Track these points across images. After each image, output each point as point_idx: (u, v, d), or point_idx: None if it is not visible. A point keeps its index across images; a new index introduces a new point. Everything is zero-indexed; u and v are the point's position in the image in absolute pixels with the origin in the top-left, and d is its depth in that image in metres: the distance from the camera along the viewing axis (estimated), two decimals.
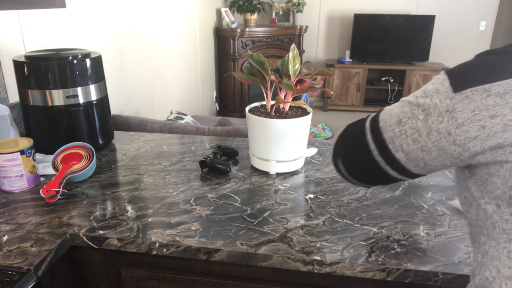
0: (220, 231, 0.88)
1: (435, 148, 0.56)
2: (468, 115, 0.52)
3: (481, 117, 0.51)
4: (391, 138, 0.60)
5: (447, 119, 0.54)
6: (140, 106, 2.59)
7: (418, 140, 0.57)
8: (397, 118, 0.60)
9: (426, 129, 0.56)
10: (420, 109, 0.57)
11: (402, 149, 0.59)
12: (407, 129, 0.58)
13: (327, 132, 4.08)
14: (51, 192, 0.99)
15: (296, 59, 1.12)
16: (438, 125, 0.55)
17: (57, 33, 1.71)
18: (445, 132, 0.54)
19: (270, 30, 4.31)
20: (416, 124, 0.57)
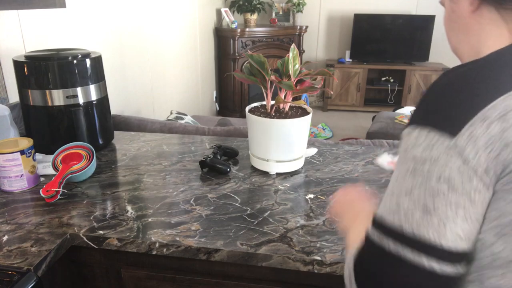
0: (220, 231, 0.88)
1: (481, 206, 0.46)
2: (483, 156, 0.45)
3: (497, 152, 0.44)
4: (437, 234, 0.46)
5: (471, 173, 0.45)
6: (140, 106, 2.59)
7: (465, 214, 0.46)
8: (419, 207, 0.47)
9: (464, 197, 0.46)
10: (434, 180, 0.46)
11: (460, 237, 0.46)
12: (445, 213, 0.46)
13: (327, 132, 4.08)
14: (51, 192, 0.99)
15: (296, 59, 1.12)
16: (468, 185, 0.45)
17: (57, 33, 1.71)
18: (481, 189, 0.46)
19: (270, 30, 4.31)
20: (448, 199, 0.46)
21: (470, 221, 0.46)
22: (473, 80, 0.47)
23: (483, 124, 0.44)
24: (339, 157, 1.30)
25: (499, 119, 0.44)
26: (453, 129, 0.46)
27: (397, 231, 0.48)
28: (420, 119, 0.49)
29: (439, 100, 0.48)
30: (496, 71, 0.47)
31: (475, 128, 0.45)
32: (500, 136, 0.44)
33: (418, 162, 0.48)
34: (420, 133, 0.48)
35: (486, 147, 0.44)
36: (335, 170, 1.20)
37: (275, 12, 4.80)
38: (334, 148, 1.37)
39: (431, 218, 0.46)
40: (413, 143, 0.48)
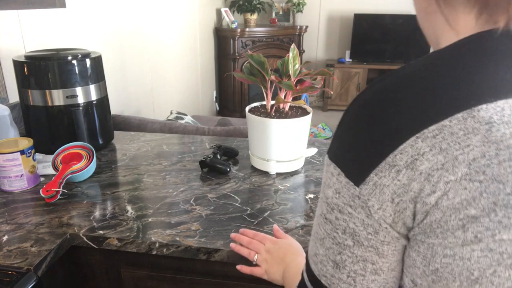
0: (220, 231, 0.88)
1: (392, 255, 0.42)
2: (390, 209, 0.39)
3: (404, 205, 0.38)
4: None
5: (376, 226, 0.40)
6: (140, 106, 2.59)
7: (374, 267, 0.43)
8: (330, 261, 0.45)
9: (371, 251, 0.42)
10: (340, 232, 0.43)
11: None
12: (352, 268, 0.43)
13: (327, 132, 4.08)
14: (51, 192, 0.99)
15: (296, 59, 1.12)
16: (374, 239, 0.41)
17: (57, 33, 1.71)
18: (390, 241, 0.41)
19: (270, 30, 4.31)
20: (354, 253, 0.42)
21: (382, 273, 0.43)
22: (382, 112, 0.39)
23: (390, 172, 0.38)
24: None
25: (407, 167, 0.37)
26: (358, 177, 0.40)
27: (316, 280, 0.47)
28: (334, 154, 0.43)
29: (349, 136, 0.42)
30: (408, 100, 0.38)
31: (381, 177, 0.38)
32: (407, 187, 0.38)
33: (328, 208, 0.44)
34: (333, 173, 0.43)
35: (393, 198, 0.39)
36: None
37: (275, 12, 4.80)
38: None
39: (341, 273, 0.44)
40: (328, 182, 0.44)
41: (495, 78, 0.37)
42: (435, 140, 0.36)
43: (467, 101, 0.36)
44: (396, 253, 0.42)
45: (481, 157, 0.35)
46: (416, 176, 0.37)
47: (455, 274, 0.38)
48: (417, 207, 0.38)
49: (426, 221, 0.38)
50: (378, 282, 0.43)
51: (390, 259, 0.42)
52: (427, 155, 0.36)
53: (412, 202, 0.38)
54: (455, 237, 0.37)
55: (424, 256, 0.39)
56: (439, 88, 0.38)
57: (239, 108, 4.28)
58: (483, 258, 0.36)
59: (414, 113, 0.38)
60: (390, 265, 0.43)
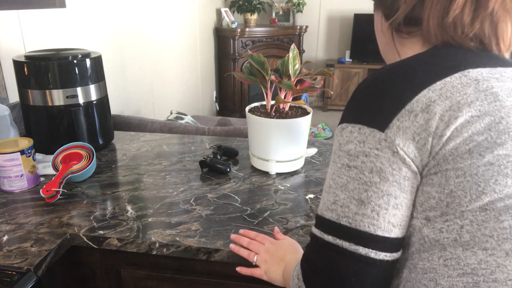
0: (220, 231, 0.88)
1: (410, 192, 0.51)
2: (412, 146, 0.48)
3: (424, 141, 0.48)
4: (371, 224, 0.50)
5: (400, 162, 0.49)
6: (140, 106, 2.59)
7: (396, 202, 0.50)
8: (354, 200, 0.51)
9: (395, 186, 0.50)
10: (367, 172, 0.50)
11: (393, 224, 0.51)
12: (377, 202, 0.50)
13: (327, 132, 4.08)
14: (51, 192, 0.99)
15: (296, 59, 1.12)
16: (398, 174, 0.49)
17: (57, 33, 1.71)
18: (410, 177, 0.50)
19: (270, 30, 4.31)
20: (380, 189, 0.50)
21: (401, 208, 0.50)
22: (397, 77, 0.51)
23: (410, 116, 0.48)
24: None
25: (423, 111, 0.48)
26: (382, 124, 0.49)
27: (336, 226, 0.52)
28: (351, 116, 0.53)
29: (367, 97, 0.52)
30: (417, 69, 0.52)
31: (403, 121, 0.49)
32: (425, 126, 0.48)
33: (352, 157, 0.51)
34: (352, 130, 0.51)
35: (413, 137, 0.48)
36: None
37: (275, 12, 4.80)
38: None
39: (365, 209, 0.50)
40: (346, 140, 0.52)
41: (471, 57, 0.53)
42: (441, 91, 0.49)
43: (459, 67, 0.51)
44: (413, 190, 0.51)
45: (475, 100, 0.49)
46: (431, 116, 0.48)
47: (466, 190, 0.48)
48: (434, 141, 0.48)
49: (441, 152, 0.48)
50: (397, 217, 0.50)
51: (408, 195, 0.50)
52: (437, 101, 0.48)
53: (430, 136, 0.48)
54: (463, 159, 0.48)
55: (439, 184, 0.49)
56: (438, 61, 0.53)
57: (239, 108, 4.28)
58: (486, 171, 0.47)
59: (423, 75, 0.51)
60: (408, 201, 0.51)
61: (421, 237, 0.52)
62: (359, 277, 0.51)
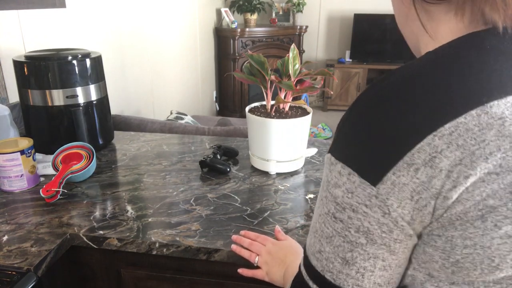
0: (220, 231, 0.88)
1: (402, 252, 0.44)
2: (409, 206, 0.40)
3: (425, 202, 0.39)
4: (355, 285, 0.45)
5: (392, 225, 0.41)
6: (140, 106, 2.59)
7: (384, 264, 0.44)
8: (338, 257, 0.45)
9: (383, 249, 0.43)
10: (353, 231, 0.43)
11: (379, 285, 0.45)
12: (362, 265, 0.44)
13: (327, 132, 4.08)
14: (51, 192, 0.99)
15: (296, 59, 1.12)
16: (388, 237, 0.42)
17: (57, 33, 1.71)
18: (402, 239, 0.42)
19: (270, 30, 4.31)
20: (366, 251, 0.43)
21: (390, 269, 0.44)
22: (398, 109, 0.40)
23: (409, 171, 0.38)
24: None
25: (426, 164, 0.38)
26: (374, 177, 0.40)
27: (320, 276, 0.47)
28: (341, 152, 0.43)
29: (359, 135, 0.42)
30: (422, 99, 0.39)
31: (399, 175, 0.39)
32: (428, 185, 0.38)
33: (339, 207, 0.44)
34: (342, 172, 0.43)
35: (412, 196, 0.39)
36: None
37: (275, 12, 4.80)
38: None
39: (349, 269, 0.44)
40: (335, 182, 0.44)
41: (501, 75, 0.39)
42: (451, 137, 0.37)
43: (479, 97, 0.38)
44: (406, 251, 0.43)
45: (496, 151, 0.37)
46: (436, 173, 0.38)
47: (476, 263, 0.39)
48: (438, 202, 0.39)
49: (446, 215, 0.39)
50: (385, 277, 0.44)
51: (399, 256, 0.43)
52: (445, 152, 0.37)
53: (433, 198, 0.39)
54: (475, 227, 0.38)
55: (443, 249, 0.41)
56: (450, 85, 0.39)
57: (239, 108, 4.28)
58: (503, 245, 0.38)
59: (429, 111, 0.38)
60: (398, 262, 0.44)
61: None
62: None
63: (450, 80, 0.39)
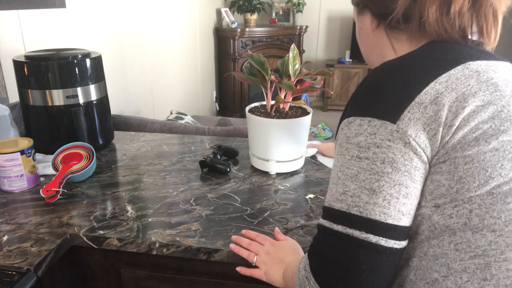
0: (220, 231, 0.88)
1: (419, 182, 0.53)
2: (423, 136, 0.51)
3: (434, 131, 0.51)
4: (382, 213, 0.51)
5: (412, 153, 0.51)
6: (140, 106, 2.59)
7: (407, 191, 0.52)
8: (365, 190, 0.52)
9: (406, 175, 0.51)
10: (379, 163, 0.52)
11: (402, 213, 0.52)
12: (389, 192, 0.51)
13: (327, 132, 4.07)
14: (51, 192, 0.99)
15: (296, 59, 1.12)
16: (409, 165, 0.51)
17: (57, 33, 1.71)
18: (420, 167, 0.52)
19: (270, 30, 4.31)
20: (392, 178, 0.51)
21: (410, 197, 0.52)
22: (403, 71, 0.54)
23: (420, 108, 0.51)
24: None
25: (432, 102, 0.51)
26: (393, 116, 0.51)
27: (345, 215, 0.53)
28: (358, 110, 0.54)
29: (375, 91, 0.54)
30: (422, 62, 0.55)
31: (413, 112, 0.51)
32: (435, 117, 0.50)
33: (363, 148, 0.53)
34: (361, 123, 0.53)
35: (424, 127, 0.51)
36: None
37: (275, 12, 4.80)
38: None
39: (377, 198, 0.51)
40: (355, 133, 0.54)
41: (469, 52, 0.57)
42: (447, 83, 0.52)
43: (460, 60, 0.55)
44: (422, 180, 0.53)
45: (478, 91, 0.52)
46: (440, 108, 0.50)
47: (474, 175, 0.50)
48: (444, 130, 0.51)
49: (450, 141, 0.51)
50: (407, 206, 0.52)
51: (417, 184, 0.52)
52: (444, 93, 0.51)
53: (440, 127, 0.50)
54: (471, 146, 0.51)
55: (448, 171, 0.51)
56: (440, 54, 0.56)
57: (239, 108, 4.28)
58: (492, 157, 0.50)
59: (429, 68, 0.53)
60: (416, 191, 0.53)
61: (431, 224, 0.53)
62: (369, 264, 0.51)
63: (437, 52, 0.56)
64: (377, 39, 0.67)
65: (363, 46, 0.72)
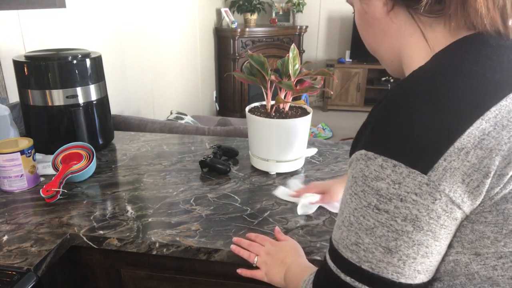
0: (220, 231, 0.88)
1: (445, 238, 0.45)
2: (460, 190, 0.41)
3: (477, 183, 0.41)
4: (395, 272, 0.45)
5: (440, 210, 0.42)
6: (140, 106, 2.59)
7: (426, 251, 0.44)
8: (380, 247, 0.45)
9: (428, 235, 0.43)
10: (400, 220, 0.43)
11: (419, 272, 0.45)
12: (405, 252, 0.44)
13: (327, 132, 4.08)
14: (51, 192, 0.99)
15: (296, 59, 1.12)
16: (435, 223, 0.43)
17: (57, 33, 1.71)
18: (449, 224, 0.43)
19: (270, 30, 4.31)
20: (411, 238, 0.43)
21: (431, 256, 0.45)
22: (443, 101, 0.42)
23: (459, 155, 0.40)
24: (339, 157, 1.30)
25: (476, 147, 0.40)
26: (425, 165, 0.41)
27: (356, 268, 0.47)
28: (382, 147, 0.44)
29: (405, 126, 0.43)
30: (464, 89, 0.42)
31: (451, 161, 0.41)
32: (479, 165, 0.40)
33: (383, 199, 0.44)
34: (384, 165, 0.43)
35: (463, 179, 0.41)
36: (335, 170, 1.20)
37: (275, 12, 4.80)
38: (334, 148, 1.37)
39: (391, 257, 0.45)
40: (375, 175, 0.44)
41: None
42: (496, 119, 0.41)
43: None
44: (449, 237, 0.45)
45: None
46: (486, 154, 0.40)
47: None
48: (493, 181, 0.41)
49: (501, 192, 0.41)
50: (425, 264, 0.45)
51: (442, 243, 0.44)
52: (492, 133, 0.40)
53: (486, 178, 0.41)
54: None
55: (495, 223, 0.43)
56: (486, 74, 0.43)
57: (239, 108, 4.28)
58: None
59: (473, 98, 0.42)
60: (440, 248, 0.45)
61: (469, 273, 0.46)
62: None
63: (484, 69, 0.43)
64: (391, 25, 0.52)
65: (369, 35, 0.57)
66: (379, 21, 0.54)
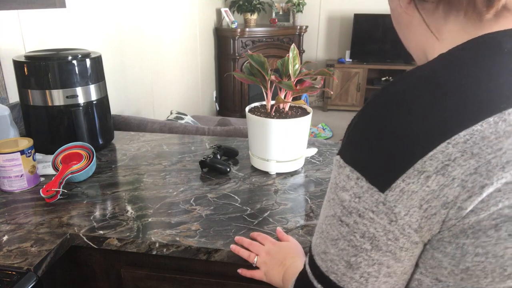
0: (220, 231, 0.88)
1: (408, 260, 0.43)
2: (417, 215, 0.39)
3: (434, 211, 0.38)
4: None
5: (398, 233, 0.40)
6: (140, 106, 2.59)
7: (389, 271, 0.43)
8: (343, 261, 0.44)
9: (388, 256, 0.42)
10: (358, 236, 0.42)
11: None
12: (366, 270, 0.43)
13: (327, 132, 4.08)
14: (51, 192, 0.99)
15: (296, 59, 1.12)
16: (394, 245, 0.41)
17: (57, 33, 1.71)
18: (409, 247, 0.41)
19: (270, 30, 4.31)
20: (370, 257, 0.42)
21: (395, 276, 0.43)
22: (411, 118, 0.38)
23: (419, 178, 0.37)
24: None
25: (438, 172, 0.37)
26: (383, 183, 0.39)
27: (325, 277, 0.47)
28: (352, 157, 0.42)
29: (371, 140, 0.40)
30: (437, 105, 0.37)
31: (409, 183, 0.38)
32: (439, 193, 0.37)
33: (345, 211, 0.43)
34: (350, 176, 0.42)
35: (421, 204, 0.38)
36: None
37: (275, 12, 4.80)
38: (334, 148, 1.37)
39: (353, 273, 0.44)
40: (342, 185, 0.43)
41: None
42: (466, 145, 0.36)
43: (497, 104, 0.36)
44: (412, 259, 0.42)
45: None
46: (448, 182, 0.36)
47: (487, 271, 0.38)
48: (451, 212, 0.37)
49: (459, 225, 0.38)
50: (389, 284, 0.44)
51: (405, 263, 0.42)
52: (458, 161, 0.36)
53: (444, 208, 0.37)
54: (487, 236, 0.37)
55: (452, 256, 0.39)
56: (466, 91, 0.37)
57: (239, 108, 4.28)
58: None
59: (443, 118, 0.37)
60: (404, 269, 0.43)
61: None
62: None
63: (466, 85, 0.37)
64: (412, 20, 0.49)
65: (400, 32, 0.54)
66: (401, 17, 0.51)
